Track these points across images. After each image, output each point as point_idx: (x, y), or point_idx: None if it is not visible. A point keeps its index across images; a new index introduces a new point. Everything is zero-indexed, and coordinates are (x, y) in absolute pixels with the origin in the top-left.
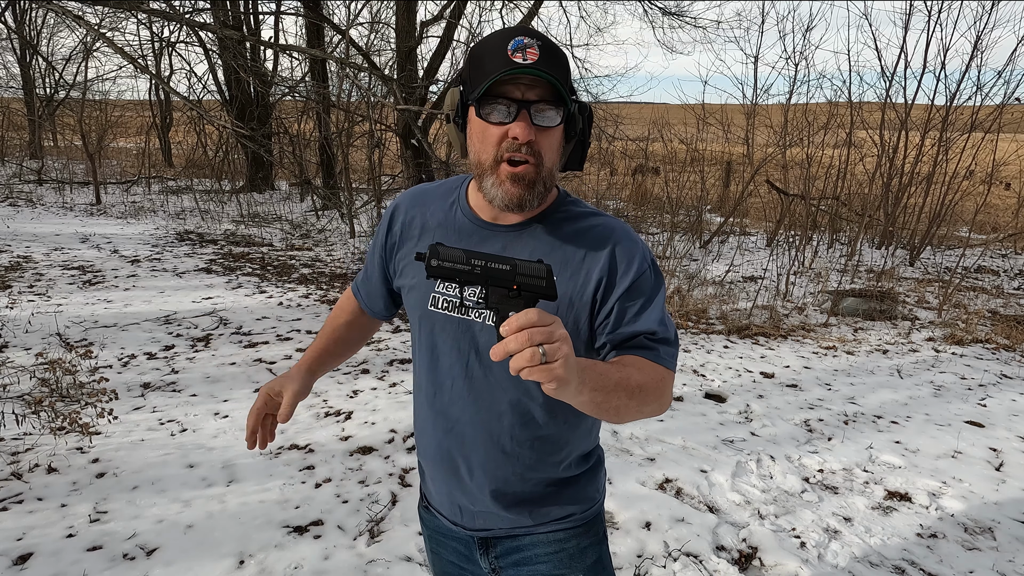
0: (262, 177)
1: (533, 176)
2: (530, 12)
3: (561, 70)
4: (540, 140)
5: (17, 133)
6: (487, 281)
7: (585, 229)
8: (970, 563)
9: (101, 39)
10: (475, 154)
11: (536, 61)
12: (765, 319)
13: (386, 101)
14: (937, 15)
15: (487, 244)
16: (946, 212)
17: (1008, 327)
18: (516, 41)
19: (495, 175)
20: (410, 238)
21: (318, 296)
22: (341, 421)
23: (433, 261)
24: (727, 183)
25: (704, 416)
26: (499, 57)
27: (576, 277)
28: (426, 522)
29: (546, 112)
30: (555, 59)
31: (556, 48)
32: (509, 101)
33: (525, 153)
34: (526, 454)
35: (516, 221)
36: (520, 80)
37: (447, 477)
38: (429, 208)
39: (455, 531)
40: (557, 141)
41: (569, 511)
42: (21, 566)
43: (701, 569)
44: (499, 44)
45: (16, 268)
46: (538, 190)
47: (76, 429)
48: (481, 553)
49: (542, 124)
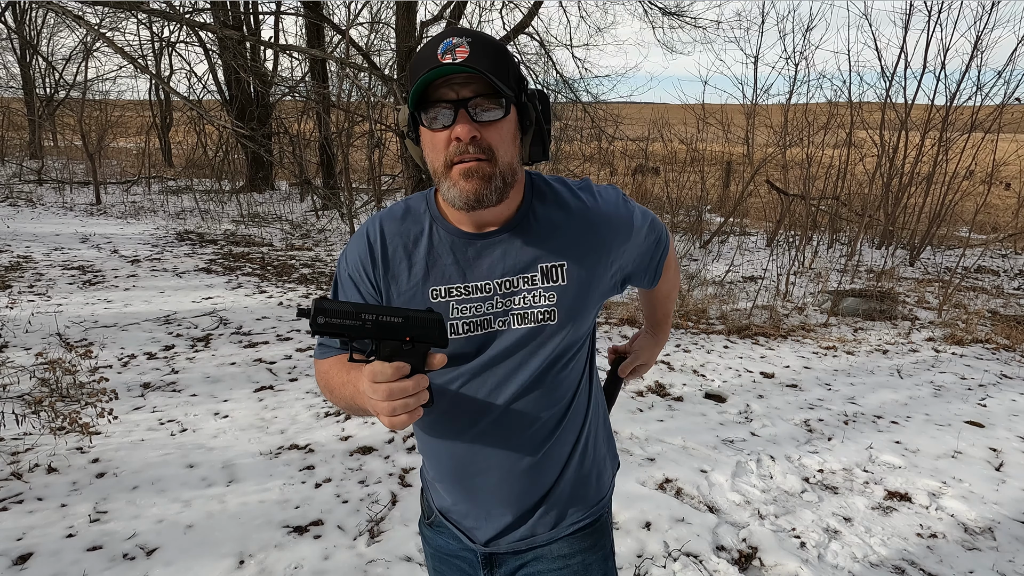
0: (262, 177)
1: (488, 171)
2: (530, 12)
3: (494, 61)
4: (488, 135)
5: (17, 133)
6: (379, 336)
7: (566, 203)
8: (970, 563)
9: (101, 39)
10: (430, 163)
11: (466, 59)
12: (765, 319)
13: (386, 101)
14: (937, 15)
15: (487, 254)
16: (946, 212)
17: (1008, 327)
18: (445, 44)
19: (448, 178)
20: (400, 272)
21: (318, 296)
22: (341, 421)
23: (320, 318)
24: (727, 183)
25: (704, 416)
26: (430, 62)
27: (584, 257)
28: (429, 540)
29: (487, 106)
30: (488, 51)
31: (488, 41)
32: (446, 103)
33: (474, 152)
34: (537, 466)
35: (499, 225)
36: (453, 80)
37: (467, 491)
38: (408, 236)
39: (461, 551)
40: (508, 134)
41: (574, 521)
42: (21, 566)
43: (701, 569)
44: (430, 50)
45: (16, 268)
46: (495, 184)
47: (76, 429)
48: (486, 572)
49: (485, 119)
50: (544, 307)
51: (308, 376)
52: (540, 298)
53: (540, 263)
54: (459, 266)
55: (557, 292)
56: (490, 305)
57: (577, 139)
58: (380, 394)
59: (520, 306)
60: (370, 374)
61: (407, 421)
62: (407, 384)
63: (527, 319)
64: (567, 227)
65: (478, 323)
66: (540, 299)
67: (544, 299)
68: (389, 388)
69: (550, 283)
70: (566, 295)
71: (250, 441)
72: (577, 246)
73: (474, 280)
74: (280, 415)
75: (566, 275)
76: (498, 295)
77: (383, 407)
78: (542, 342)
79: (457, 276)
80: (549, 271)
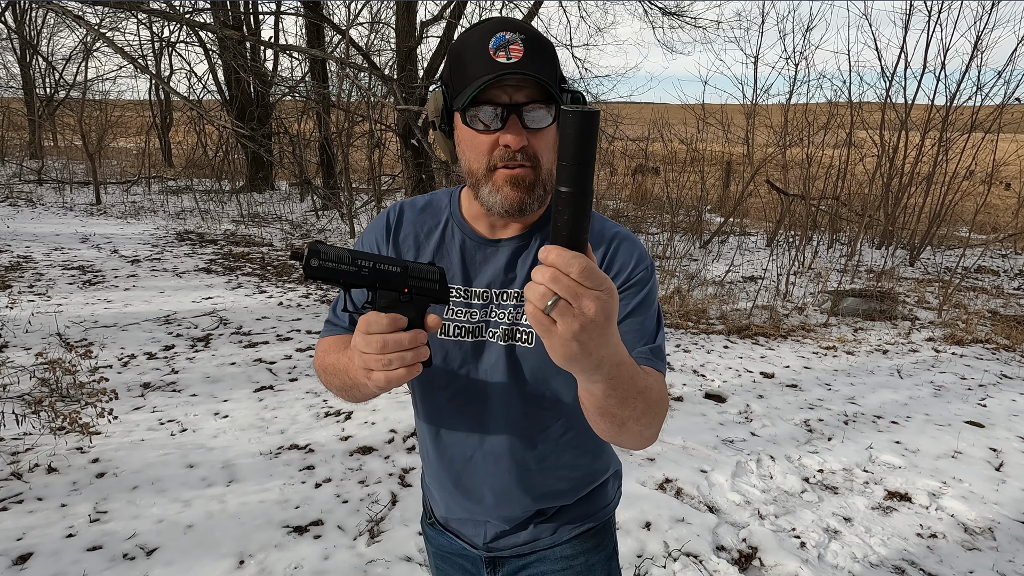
0: (262, 177)
1: (533, 179)
2: (530, 12)
3: (549, 64)
4: (534, 143)
5: (17, 133)
6: (375, 284)
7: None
8: (970, 563)
9: (101, 39)
10: (466, 163)
11: (521, 59)
12: (765, 319)
13: (386, 101)
14: (937, 15)
15: (493, 260)
16: (946, 212)
17: (1008, 327)
18: (498, 38)
19: (490, 183)
20: (407, 256)
21: (318, 296)
22: (341, 421)
23: (313, 260)
24: (727, 183)
25: (704, 416)
26: (481, 58)
27: None
28: (431, 539)
29: (537, 112)
30: (542, 52)
31: (541, 39)
32: (497, 106)
33: (520, 160)
34: (542, 470)
35: (516, 233)
36: (506, 82)
37: (464, 501)
38: (423, 227)
39: (463, 550)
40: (552, 140)
41: (579, 524)
42: (21, 566)
43: (701, 569)
44: (480, 42)
45: (16, 268)
46: (538, 193)
47: (76, 429)
48: (489, 571)
49: (534, 126)
50: (526, 328)
51: (308, 376)
52: (523, 317)
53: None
54: (464, 267)
55: None
56: (484, 312)
57: None
58: (374, 346)
59: (506, 321)
60: (364, 324)
61: (404, 376)
62: (403, 337)
63: (510, 336)
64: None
65: (470, 329)
66: (523, 318)
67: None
68: (383, 339)
69: None
70: None
71: (250, 441)
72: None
73: (476, 285)
74: (280, 415)
75: None
76: (493, 304)
77: (376, 360)
78: (524, 362)
79: (460, 277)
80: None
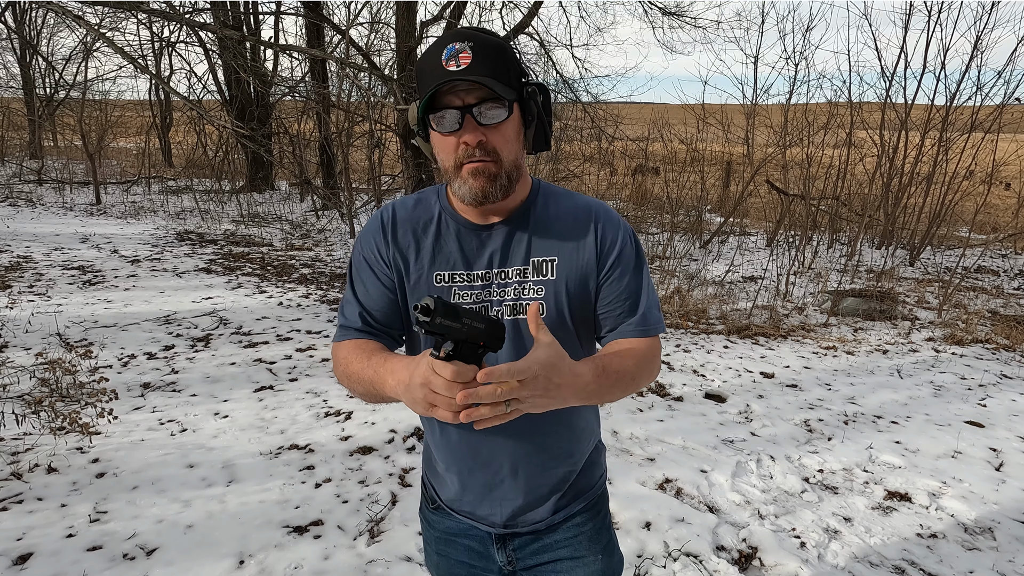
0: (262, 177)
1: (494, 170)
2: (530, 12)
3: (496, 64)
4: (492, 138)
5: (17, 133)
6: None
7: (569, 209)
8: (970, 563)
9: (101, 39)
10: (441, 162)
11: (468, 66)
12: (765, 319)
13: (386, 101)
14: (937, 15)
15: (489, 243)
16: (946, 212)
17: (1008, 327)
18: (448, 49)
19: (459, 177)
20: (409, 257)
21: (318, 296)
22: (341, 421)
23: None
24: (727, 183)
25: (704, 416)
26: (436, 70)
27: (574, 254)
28: (434, 523)
29: (491, 110)
30: (488, 55)
31: (489, 43)
32: (453, 110)
33: (480, 155)
34: (563, 448)
35: (505, 217)
36: (458, 87)
37: (484, 478)
38: (418, 223)
39: (470, 530)
40: (512, 133)
41: (587, 495)
42: (21, 566)
43: (701, 569)
44: (434, 55)
45: (16, 268)
46: (500, 182)
47: (76, 429)
48: (498, 547)
49: (488, 123)
50: (531, 300)
51: (308, 376)
52: (529, 291)
53: (533, 257)
54: (463, 253)
55: (545, 286)
56: (488, 293)
57: (577, 139)
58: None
59: (511, 297)
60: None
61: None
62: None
63: (517, 310)
64: (563, 224)
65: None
66: (529, 292)
67: (533, 292)
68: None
69: (540, 277)
70: (554, 289)
71: (250, 441)
72: (569, 242)
73: (476, 268)
74: (280, 415)
75: (556, 270)
76: (495, 284)
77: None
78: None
79: (461, 263)
80: (540, 265)
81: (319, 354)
